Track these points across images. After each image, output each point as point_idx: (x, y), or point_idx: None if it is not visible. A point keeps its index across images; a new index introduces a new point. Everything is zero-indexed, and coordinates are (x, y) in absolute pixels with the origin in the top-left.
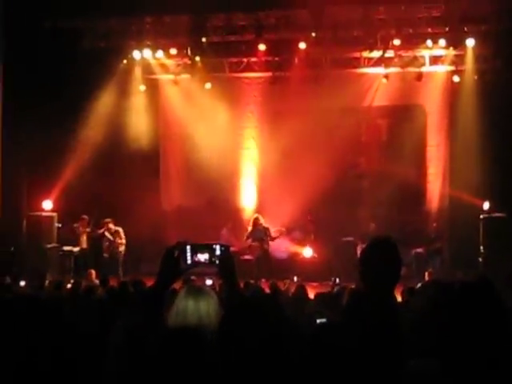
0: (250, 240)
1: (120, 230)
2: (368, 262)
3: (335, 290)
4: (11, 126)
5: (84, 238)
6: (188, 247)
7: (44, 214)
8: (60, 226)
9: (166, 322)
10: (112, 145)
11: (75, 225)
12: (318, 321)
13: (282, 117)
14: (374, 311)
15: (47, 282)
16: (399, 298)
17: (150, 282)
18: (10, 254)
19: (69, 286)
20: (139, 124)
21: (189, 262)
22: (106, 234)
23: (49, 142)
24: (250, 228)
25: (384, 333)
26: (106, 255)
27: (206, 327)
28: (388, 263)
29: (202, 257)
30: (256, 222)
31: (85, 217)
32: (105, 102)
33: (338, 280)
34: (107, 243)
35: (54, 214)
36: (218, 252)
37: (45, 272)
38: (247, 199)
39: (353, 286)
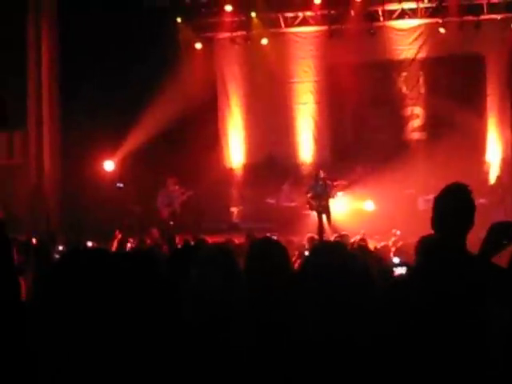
0: (309, 194)
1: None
2: (441, 207)
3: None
4: (71, 88)
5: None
6: None
7: (105, 174)
8: (121, 185)
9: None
10: (170, 104)
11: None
12: (397, 270)
13: (339, 70)
14: (449, 257)
15: (116, 241)
16: None
17: (211, 240)
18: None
19: (129, 245)
20: (196, 82)
21: None
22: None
23: (104, 104)
24: (312, 182)
25: (462, 279)
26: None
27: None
28: (461, 208)
29: None
30: (316, 176)
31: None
32: (161, 61)
33: (398, 232)
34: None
35: (115, 174)
36: None
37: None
38: (306, 154)
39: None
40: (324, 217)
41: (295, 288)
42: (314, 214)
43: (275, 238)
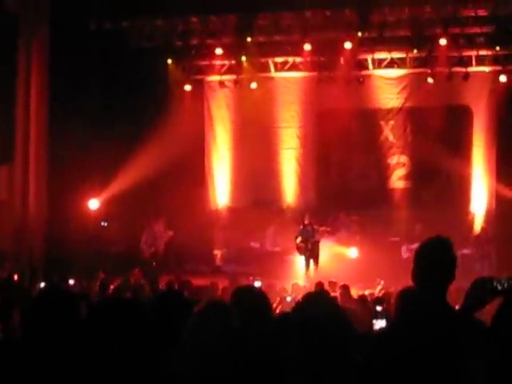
0: (299, 239)
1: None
2: (422, 261)
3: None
4: (59, 125)
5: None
6: None
7: (90, 212)
8: (106, 224)
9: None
10: (157, 146)
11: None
12: (376, 323)
13: (327, 116)
14: (429, 311)
15: (98, 281)
16: None
17: (195, 282)
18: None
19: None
20: (185, 124)
21: None
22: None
23: (92, 142)
24: (300, 227)
25: (441, 334)
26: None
27: None
28: (442, 263)
29: None
30: (302, 221)
31: (160, 219)
32: (150, 101)
33: (382, 282)
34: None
35: (100, 213)
36: None
37: (96, 272)
38: (291, 199)
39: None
40: (311, 261)
41: (277, 334)
42: (298, 259)
43: (259, 282)
